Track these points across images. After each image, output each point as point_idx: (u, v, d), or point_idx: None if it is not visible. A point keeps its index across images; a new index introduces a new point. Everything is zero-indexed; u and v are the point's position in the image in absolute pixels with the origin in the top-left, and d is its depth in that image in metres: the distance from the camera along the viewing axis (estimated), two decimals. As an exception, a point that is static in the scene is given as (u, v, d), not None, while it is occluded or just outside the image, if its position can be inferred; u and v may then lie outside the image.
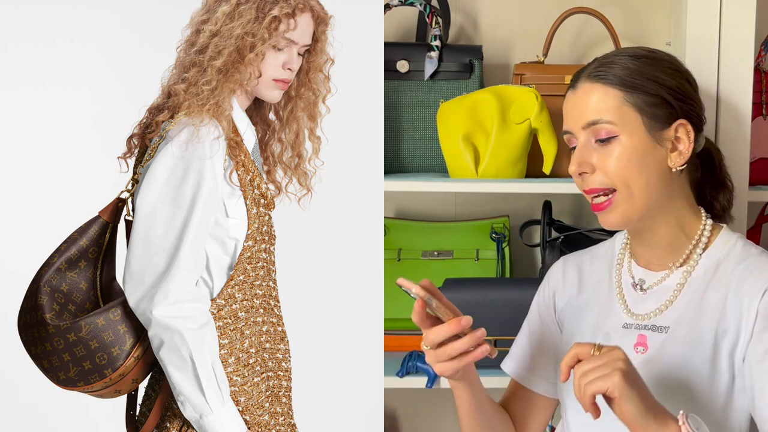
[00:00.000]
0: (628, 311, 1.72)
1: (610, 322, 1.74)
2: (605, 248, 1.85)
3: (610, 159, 1.64)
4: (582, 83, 1.68)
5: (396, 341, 2.35)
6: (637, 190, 1.64)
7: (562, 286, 1.85)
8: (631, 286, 1.74)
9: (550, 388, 1.85)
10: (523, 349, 1.88)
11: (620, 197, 1.65)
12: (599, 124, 1.64)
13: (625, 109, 1.65)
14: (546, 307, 1.86)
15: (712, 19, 1.96)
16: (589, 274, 1.83)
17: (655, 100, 1.66)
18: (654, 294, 1.72)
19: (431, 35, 2.33)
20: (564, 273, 1.86)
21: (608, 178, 1.64)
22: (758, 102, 2.20)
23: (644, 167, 1.65)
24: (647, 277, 1.74)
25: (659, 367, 1.65)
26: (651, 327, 1.69)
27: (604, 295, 1.78)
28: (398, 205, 2.53)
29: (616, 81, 1.66)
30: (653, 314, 1.70)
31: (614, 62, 1.68)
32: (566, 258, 1.90)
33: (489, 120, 2.15)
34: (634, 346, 1.69)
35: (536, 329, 1.87)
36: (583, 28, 2.41)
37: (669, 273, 1.71)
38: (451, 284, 2.23)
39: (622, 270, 1.78)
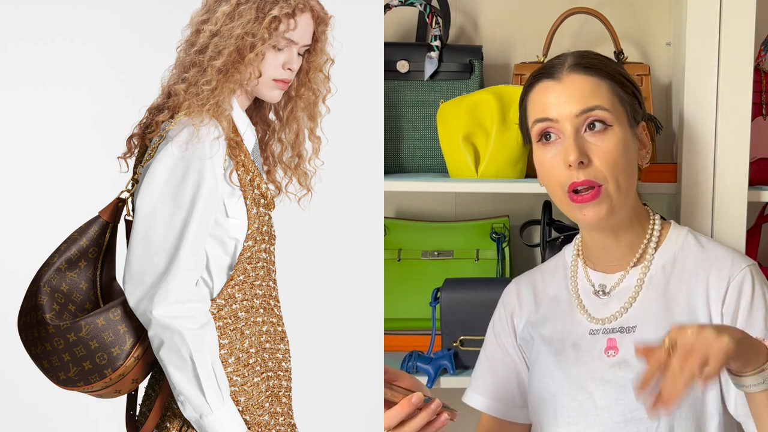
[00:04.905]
0: (590, 318, 1.71)
1: (575, 332, 1.73)
2: (555, 263, 1.85)
3: (608, 149, 1.63)
4: (568, 74, 1.67)
5: (396, 341, 2.35)
6: (623, 182, 1.64)
7: (519, 307, 1.84)
8: (592, 294, 1.73)
9: (525, 413, 1.83)
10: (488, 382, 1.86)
11: (609, 189, 1.63)
12: (597, 110, 1.64)
13: (616, 101, 1.66)
14: (504, 333, 1.85)
15: (712, 19, 1.96)
16: (543, 289, 1.82)
17: (631, 98, 1.69)
18: (615, 296, 1.71)
19: (431, 35, 2.33)
20: (518, 294, 1.85)
21: (602, 170, 1.63)
22: (758, 102, 2.20)
23: (630, 160, 1.67)
24: (606, 281, 1.73)
25: (632, 367, 1.65)
26: (618, 329, 1.68)
27: (564, 306, 1.77)
28: (398, 205, 2.53)
29: (605, 75, 1.67)
30: (618, 315, 1.69)
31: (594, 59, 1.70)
32: (517, 280, 1.89)
33: (489, 120, 2.15)
34: (605, 350, 1.68)
35: (498, 357, 1.85)
36: (583, 28, 2.41)
37: (626, 272, 1.71)
38: (451, 284, 2.23)
39: (578, 279, 1.77)
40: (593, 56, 1.73)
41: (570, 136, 1.64)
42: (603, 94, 1.65)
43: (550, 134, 1.67)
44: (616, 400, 1.66)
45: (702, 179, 1.97)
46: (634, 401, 1.62)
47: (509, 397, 1.83)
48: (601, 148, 1.64)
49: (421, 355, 2.19)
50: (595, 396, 1.67)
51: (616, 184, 1.64)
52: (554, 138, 1.67)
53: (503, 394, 1.83)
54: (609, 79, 1.67)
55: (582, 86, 1.65)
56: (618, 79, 1.68)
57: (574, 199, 1.65)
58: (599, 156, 1.63)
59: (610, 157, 1.63)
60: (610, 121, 1.64)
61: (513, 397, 1.82)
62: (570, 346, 1.72)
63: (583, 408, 1.68)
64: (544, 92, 1.69)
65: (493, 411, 1.85)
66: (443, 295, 2.21)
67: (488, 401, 1.85)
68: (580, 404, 1.69)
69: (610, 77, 1.67)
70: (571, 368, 1.71)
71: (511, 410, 1.83)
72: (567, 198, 1.66)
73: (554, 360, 1.73)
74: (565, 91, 1.66)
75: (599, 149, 1.63)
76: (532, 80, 1.73)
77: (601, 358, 1.68)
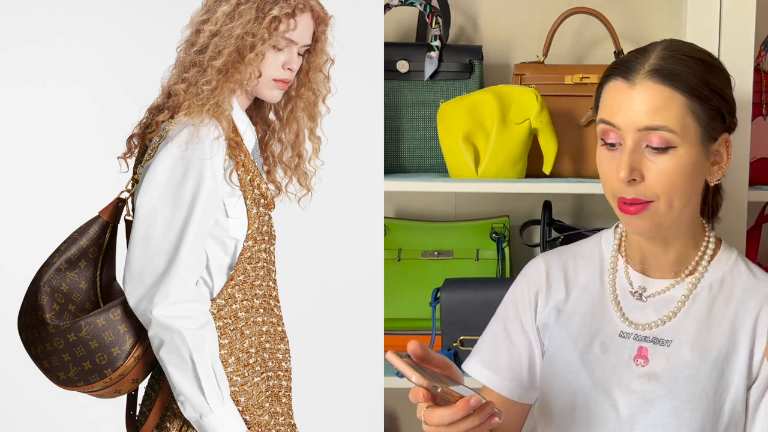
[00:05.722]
0: (625, 319, 1.65)
1: (605, 330, 1.66)
2: (589, 248, 1.76)
3: (665, 171, 1.53)
4: (643, 80, 1.54)
5: (396, 341, 2.34)
6: (678, 203, 1.55)
7: (547, 288, 1.74)
8: (629, 294, 1.67)
9: (531, 395, 1.76)
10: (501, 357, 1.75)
11: (659, 207, 1.55)
12: (661, 131, 1.52)
13: (688, 119, 1.54)
14: (524, 309, 1.75)
15: (712, 19, 1.96)
16: (575, 275, 1.73)
17: (714, 113, 1.57)
18: (654, 303, 1.65)
19: (431, 35, 2.33)
20: (548, 274, 1.75)
21: (654, 189, 1.54)
22: (758, 102, 2.20)
23: (692, 181, 1.56)
24: (646, 284, 1.67)
25: (662, 382, 1.59)
26: (652, 339, 1.62)
27: (596, 299, 1.69)
28: (398, 205, 2.53)
29: (683, 87, 1.53)
30: (654, 325, 1.63)
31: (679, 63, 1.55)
32: (546, 257, 1.78)
33: (489, 120, 2.15)
34: (634, 358, 1.63)
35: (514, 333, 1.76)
36: (583, 28, 2.41)
37: (674, 283, 1.65)
38: (451, 284, 2.23)
39: (617, 275, 1.70)
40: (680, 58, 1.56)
41: (627, 149, 1.54)
42: (674, 110, 1.52)
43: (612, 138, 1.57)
44: (640, 413, 1.59)
45: (702, 179, 1.97)
46: (659, 417, 1.58)
47: (519, 377, 1.74)
48: (659, 168, 1.53)
49: (421, 355, 2.19)
50: (618, 405, 1.61)
51: (669, 204, 1.55)
52: (615, 143, 1.57)
53: (514, 374, 1.74)
54: (687, 93, 1.53)
55: (653, 98, 1.53)
56: (700, 93, 1.54)
57: (622, 208, 1.57)
58: (654, 175, 1.54)
59: (666, 179, 1.53)
60: (674, 143, 1.53)
61: (522, 377, 1.74)
62: (598, 344, 1.65)
63: (605, 415, 1.61)
64: (615, 92, 1.57)
65: (502, 389, 1.75)
66: (443, 295, 2.21)
67: (499, 379, 1.75)
68: (602, 410, 1.62)
69: (690, 90, 1.53)
70: (596, 369, 1.64)
71: (518, 390, 1.75)
72: (616, 205, 1.59)
73: (579, 357, 1.66)
74: (635, 99, 1.54)
75: (656, 168, 1.54)
76: (610, 71, 1.60)
77: (629, 365, 1.62)
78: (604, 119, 1.57)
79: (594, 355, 1.65)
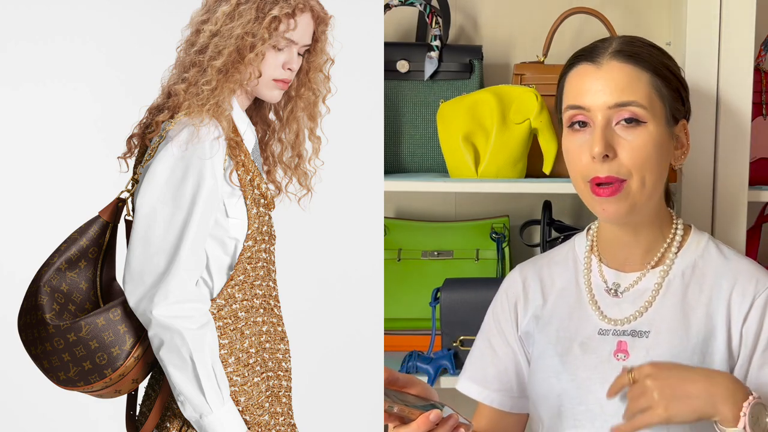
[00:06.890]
0: (603, 316, 1.67)
1: (584, 330, 1.69)
2: (563, 253, 1.79)
3: (636, 146, 1.57)
4: (609, 60, 1.60)
5: (396, 341, 2.35)
6: (650, 181, 1.59)
7: (524, 298, 1.78)
8: (604, 291, 1.69)
9: (523, 404, 1.80)
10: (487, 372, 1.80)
11: (632, 185, 1.58)
12: (632, 106, 1.58)
13: (654, 96, 1.60)
14: (506, 322, 1.80)
15: (712, 19, 1.96)
16: (551, 281, 1.77)
17: (676, 94, 1.63)
18: (629, 297, 1.67)
19: (431, 35, 2.33)
20: (524, 284, 1.79)
21: (627, 166, 1.58)
22: (758, 102, 2.20)
23: (661, 159, 1.61)
24: (620, 279, 1.69)
25: None
26: (630, 332, 1.64)
27: (573, 302, 1.72)
28: (398, 205, 2.53)
29: (647, 66, 1.60)
30: (632, 318, 1.65)
31: (640, 47, 1.62)
32: (521, 267, 1.83)
33: (489, 120, 2.15)
34: (614, 353, 1.64)
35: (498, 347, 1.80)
36: (583, 28, 2.41)
37: (643, 274, 1.67)
38: (451, 284, 2.23)
39: (591, 275, 1.72)
40: (640, 44, 1.64)
41: (599, 127, 1.58)
42: (642, 87, 1.58)
43: (581, 121, 1.61)
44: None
45: (702, 179, 1.97)
46: None
47: (507, 388, 1.79)
48: (630, 144, 1.58)
49: (421, 355, 2.19)
50: (603, 401, 1.63)
51: (641, 181, 1.58)
52: (584, 126, 1.61)
53: (502, 385, 1.79)
54: (651, 72, 1.60)
55: (620, 76, 1.58)
56: (662, 73, 1.61)
57: (595, 192, 1.60)
58: (627, 151, 1.57)
59: (638, 154, 1.57)
60: (644, 117, 1.58)
61: (511, 388, 1.78)
62: (577, 345, 1.67)
63: (591, 412, 1.64)
64: (581, 77, 1.62)
65: (492, 401, 1.80)
66: (443, 295, 2.21)
67: (488, 392, 1.80)
68: (587, 408, 1.65)
69: (654, 70, 1.60)
70: (578, 370, 1.67)
71: (509, 401, 1.79)
72: (588, 190, 1.61)
73: (560, 360, 1.69)
74: (603, 79, 1.59)
75: (628, 144, 1.58)
76: (573, 60, 1.66)
77: (610, 360, 1.64)
78: (572, 104, 1.62)
79: (574, 357, 1.67)
